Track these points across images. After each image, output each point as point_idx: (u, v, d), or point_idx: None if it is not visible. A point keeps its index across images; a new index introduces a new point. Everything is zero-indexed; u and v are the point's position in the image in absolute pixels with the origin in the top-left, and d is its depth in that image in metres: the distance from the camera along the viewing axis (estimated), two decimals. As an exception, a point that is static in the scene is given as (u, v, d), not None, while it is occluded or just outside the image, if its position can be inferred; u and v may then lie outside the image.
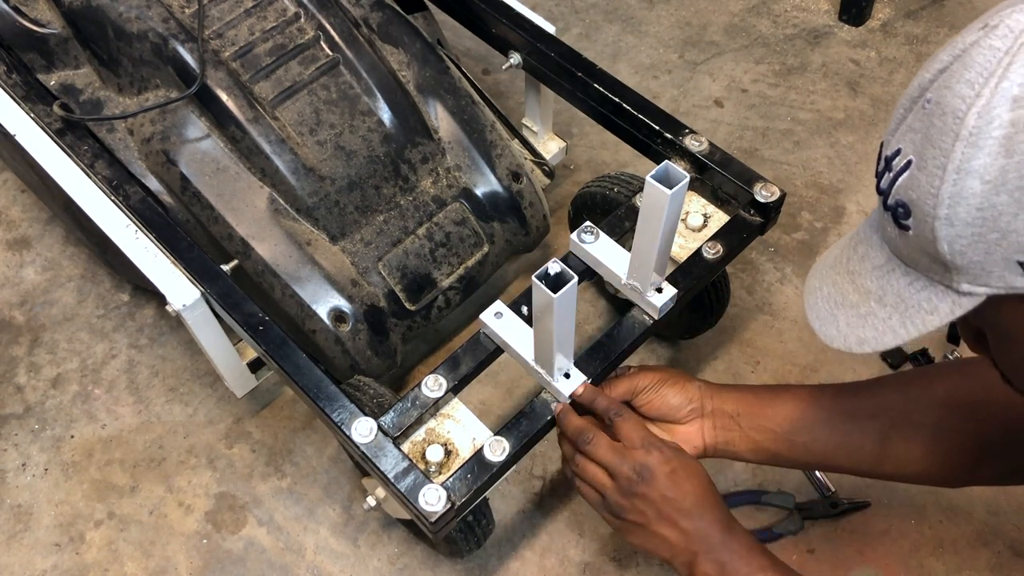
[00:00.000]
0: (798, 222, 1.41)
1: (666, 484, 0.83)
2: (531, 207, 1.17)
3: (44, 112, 1.09)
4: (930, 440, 0.85)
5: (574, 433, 0.88)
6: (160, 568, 1.12)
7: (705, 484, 0.85)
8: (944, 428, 0.84)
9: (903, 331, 0.55)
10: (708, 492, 0.85)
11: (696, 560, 0.82)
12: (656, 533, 0.84)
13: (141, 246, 1.02)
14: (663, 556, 0.85)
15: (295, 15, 1.12)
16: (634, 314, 0.97)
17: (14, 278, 1.36)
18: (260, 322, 0.95)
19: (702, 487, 0.85)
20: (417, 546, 1.13)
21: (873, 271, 0.58)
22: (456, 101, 1.16)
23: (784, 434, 0.90)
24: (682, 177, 0.76)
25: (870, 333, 0.57)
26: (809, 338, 1.29)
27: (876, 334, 0.56)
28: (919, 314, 0.54)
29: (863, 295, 0.58)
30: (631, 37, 1.67)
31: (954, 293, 0.52)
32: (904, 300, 0.55)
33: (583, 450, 0.87)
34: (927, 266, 0.53)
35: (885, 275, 0.57)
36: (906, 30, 1.67)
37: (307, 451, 1.20)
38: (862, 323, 0.57)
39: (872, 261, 0.58)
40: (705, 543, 0.82)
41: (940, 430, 0.84)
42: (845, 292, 0.60)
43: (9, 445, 1.21)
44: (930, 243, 0.51)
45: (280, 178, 1.06)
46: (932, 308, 0.53)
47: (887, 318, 0.56)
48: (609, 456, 0.85)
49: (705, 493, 0.84)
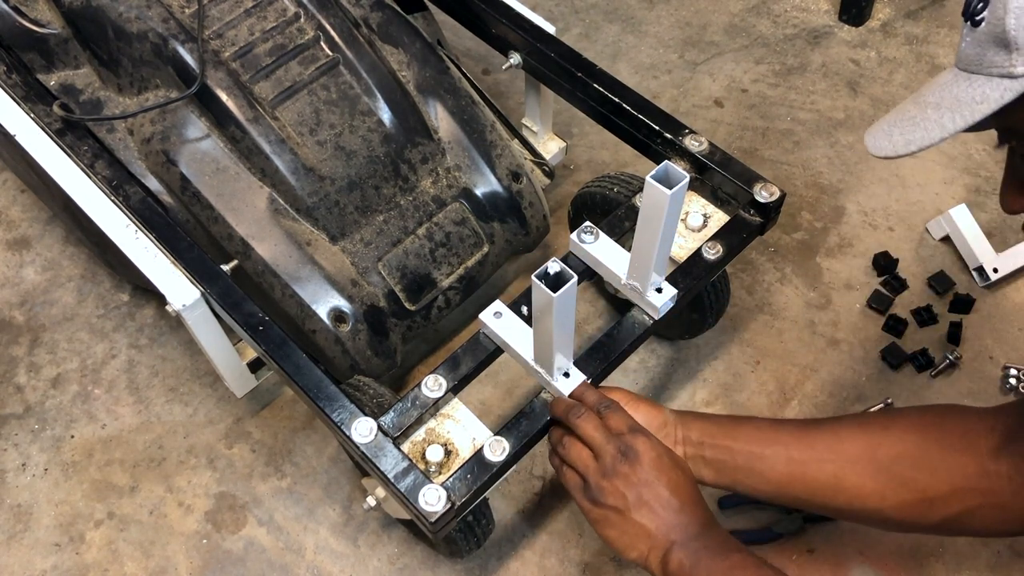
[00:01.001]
0: (798, 222, 1.41)
1: (650, 468, 0.82)
2: (531, 207, 1.17)
3: (44, 112, 1.09)
4: (882, 481, 0.86)
5: (565, 409, 0.88)
6: (160, 568, 1.12)
7: (689, 478, 0.85)
8: (895, 473, 0.86)
9: (951, 124, 0.60)
10: (691, 486, 0.84)
11: (671, 549, 0.81)
12: (634, 522, 0.82)
13: (141, 246, 1.02)
14: (638, 552, 0.83)
15: (295, 15, 1.12)
16: (634, 314, 0.97)
17: (14, 278, 1.36)
18: (260, 322, 0.95)
19: (686, 480, 0.84)
20: (417, 546, 1.13)
21: (936, 87, 0.63)
22: (456, 101, 1.16)
23: (744, 461, 0.91)
24: (682, 177, 0.76)
25: (919, 134, 0.62)
26: (809, 338, 1.29)
27: (924, 132, 0.62)
28: (969, 106, 0.60)
29: (921, 107, 0.63)
30: (631, 37, 1.67)
31: (1008, 80, 0.58)
32: (959, 99, 0.60)
33: (573, 423, 0.87)
34: (990, 60, 0.59)
35: (946, 86, 0.62)
36: (906, 30, 1.67)
37: (307, 451, 1.20)
38: (913, 128, 0.63)
39: (937, 81, 0.64)
40: (683, 533, 0.81)
41: (892, 474, 0.86)
42: (905, 110, 0.66)
43: (9, 445, 1.21)
44: (999, 23, 0.57)
45: (280, 178, 1.06)
46: (983, 98, 0.59)
47: (939, 118, 0.61)
48: (597, 434, 0.85)
49: (688, 486, 0.84)
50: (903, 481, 0.86)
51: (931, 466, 0.85)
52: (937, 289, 1.32)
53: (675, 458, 0.85)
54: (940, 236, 1.37)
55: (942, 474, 0.85)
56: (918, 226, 1.40)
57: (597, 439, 0.85)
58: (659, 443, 0.85)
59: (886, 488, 0.87)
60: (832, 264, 1.37)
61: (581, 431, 0.86)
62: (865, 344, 1.29)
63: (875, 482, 0.87)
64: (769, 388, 1.25)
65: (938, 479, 0.85)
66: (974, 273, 1.34)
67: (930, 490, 0.85)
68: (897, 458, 0.86)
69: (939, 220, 1.37)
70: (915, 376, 1.25)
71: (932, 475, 0.85)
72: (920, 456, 0.86)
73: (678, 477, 0.83)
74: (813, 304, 1.33)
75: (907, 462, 0.86)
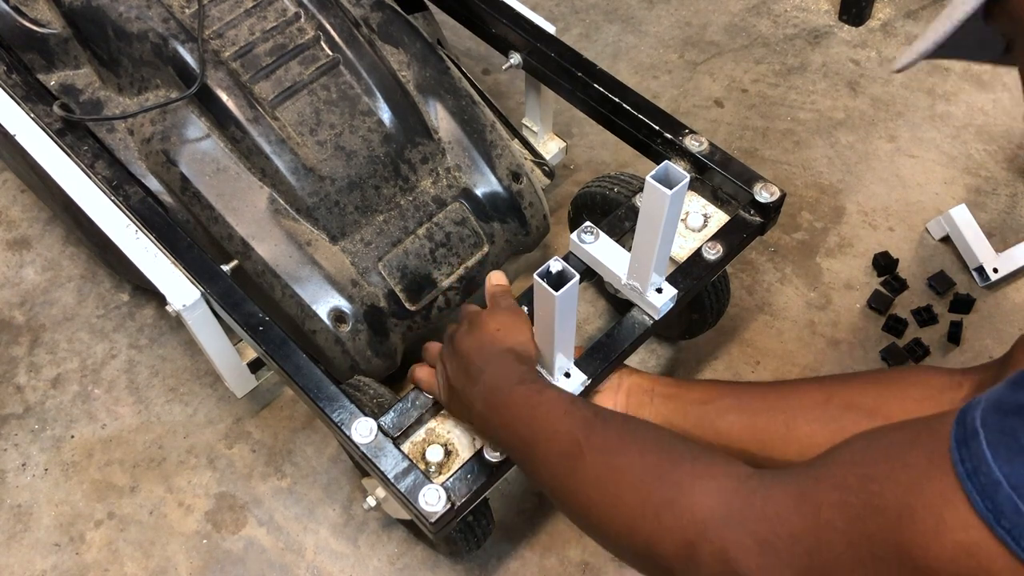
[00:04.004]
0: (798, 222, 1.41)
1: (484, 336, 0.82)
2: (531, 207, 1.17)
3: (44, 112, 1.09)
4: (834, 430, 0.83)
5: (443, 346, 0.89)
6: (160, 568, 1.12)
7: (525, 346, 0.84)
8: (849, 421, 0.83)
9: (957, 12, 0.57)
10: (526, 349, 0.83)
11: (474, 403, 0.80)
12: (462, 395, 0.81)
13: (141, 246, 1.02)
14: (466, 415, 0.82)
15: (295, 15, 1.12)
16: (634, 314, 0.97)
17: (14, 278, 1.36)
18: (260, 322, 0.95)
19: (522, 345, 0.83)
20: (417, 546, 1.13)
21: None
22: (456, 101, 1.16)
23: (695, 413, 0.90)
24: (682, 177, 0.76)
25: (920, 41, 0.60)
26: (809, 338, 1.29)
27: (923, 36, 0.59)
28: (961, 5, 0.56)
29: (939, 19, 0.61)
30: (631, 37, 1.67)
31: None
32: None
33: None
34: None
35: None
36: (906, 30, 1.67)
37: (307, 451, 1.20)
38: (922, 37, 0.60)
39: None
40: (490, 381, 0.80)
41: (845, 423, 0.83)
42: (926, 27, 0.63)
43: (9, 445, 1.21)
44: None
45: (280, 178, 1.06)
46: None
47: (948, 12, 0.58)
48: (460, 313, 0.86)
49: (524, 347, 0.82)
50: (856, 431, 0.84)
51: (887, 417, 0.81)
52: (937, 289, 1.33)
53: (520, 328, 0.85)
54: (940, 236, 1.37)
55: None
56: (918, 226, 1.40)
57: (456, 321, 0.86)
58: (515, 319, 0.85)
59: (837, 437, 0.85)
60: (832, 264, 1.37)
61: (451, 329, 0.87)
62: (865, 344, 1.29)
63: (827, 431, 0.83)
64: (769, 388, 1.25)
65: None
66: (974, 273, 1.34)
67: None
68: (850, 407, 0.83)
69: (939, 220, 1.37)
70: (915, 376, 1.25)
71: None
72: (876, 407, 0.83)
73: (514, 342, 0.83)
74: (813, 304, 1.33)
75: (862, 412, 0.83)
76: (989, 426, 0.44)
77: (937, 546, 0.44)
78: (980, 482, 0.43)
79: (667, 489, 0.62)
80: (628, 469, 0.65)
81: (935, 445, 0.46)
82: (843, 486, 0.51)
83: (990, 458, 0.43)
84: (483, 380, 0.80)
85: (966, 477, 0.44)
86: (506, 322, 0.85)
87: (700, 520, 0.58)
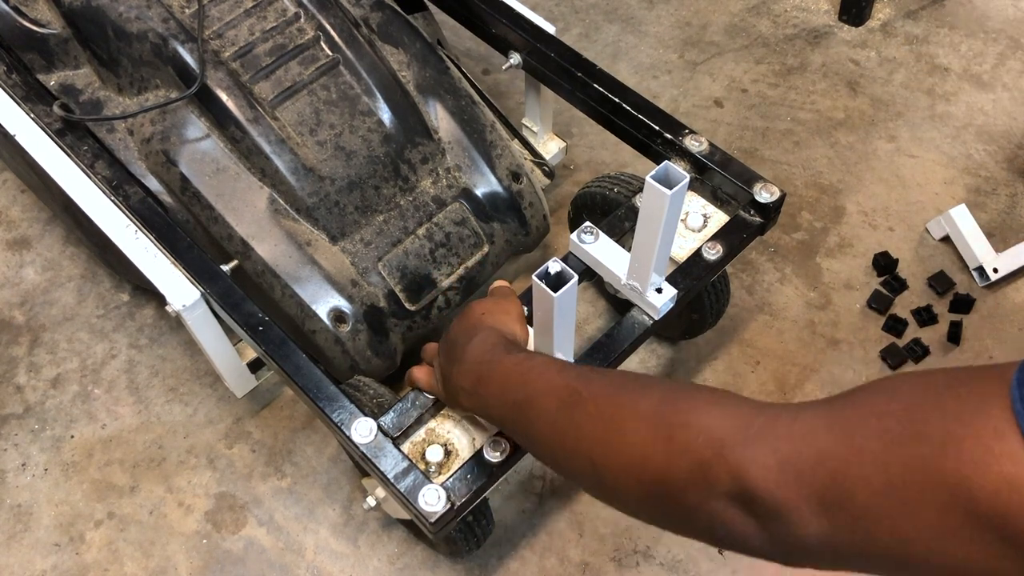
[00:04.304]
0: (798, 222, 1.41)
1: (470, 319, 0.81)
2: (531, 207, 1.17)
3: (44, 112, 1.09)
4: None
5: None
6: (160, 568, 1.12)
7: (513, 328, 0.83)
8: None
9: None
10: (486, 330, 0.81)
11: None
12: (452, 379, 0.80)
13: (141, 246, 1.02)
14: (455, 398, 0.82)
15: (295, 15, 1.12)
16: (634, 314, 0.97)
17: (14, 278, 1.36)
18: (260, 322, 0.95)
19: (507, 325, 0.82)
20: (417, 546, 1.13)
21: None
22: (456, 101, 1.16)
23: None
24: (682, 177, 0.76)
25: None
26: (809, 338, 1.29)
27: None
28: None
29: None
30: (631, 37, 1.67)
31: None
32: None
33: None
34: None
35: None
36: (906, 30, 1.67)
37: (307, 451, 1.20)
38: None
39: None
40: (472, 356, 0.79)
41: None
42: None
43: (9, 445, 1.21)
44: None
45: (280, 178, 1.06)
46: None
47: None
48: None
49: (482, 329, 0.81)
50: None
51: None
52: (937, 289, 1.33)
53: (508, 310, 0.84)
54: (940, 236, 1.37)
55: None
56: (918, 226, 1.40)
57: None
58: (503, 305, 0.85)
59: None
60: (832, 264, 1.37)
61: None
62: (865, 344, 1.29)
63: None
64: (769, 388, 1.25)
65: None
66: (974, 273, 1.34)
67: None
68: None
69: (939, 220, 1.37)
70: (915, 376, 1.25)
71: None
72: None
73: (477, 317, 0.82)
74: (813, 304, 1.33)
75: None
76: None
77: (981, 476, 0.43)
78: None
79: (680, 413, 0.58)
80: (635, 403, 0.62)
81: (991, 383, 0.45)
82: (884, 413, 0.48)
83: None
84: (467, 358, 0.79)
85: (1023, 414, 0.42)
86: (492, 307, 0.84)
87: (717, 438, 0.54)
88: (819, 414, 0.52)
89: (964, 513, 0.44)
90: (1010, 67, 1.60)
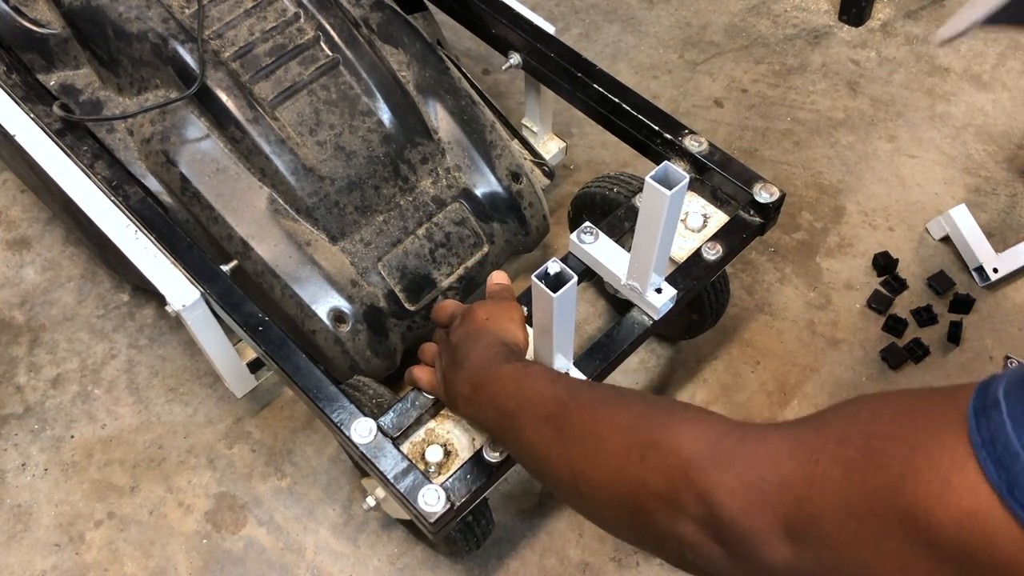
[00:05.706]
0: (798, 222, 1.41)
1: (473, 325, 0.81)
2: (531, 207, 1.17)
3: (44, 112, 1.09)
4: None
5: (452, 314, 0.88)
6: (160, 568, 1.12)
7: (514, 335, 0.83)
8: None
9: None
10: (493, 337, 0.82)
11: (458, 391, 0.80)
12: (452, 383, 0.81)
13: (141, 246, 1.02)
14: (455, 403, 0.82)
15: (295, 15, 1.12)
16: (634, 314, 0.97)
17: (14, 278, 1.36)
18: (260, 322, 0.95)
19: (511, 332, 0.83)
20: (417, 546, 1.13)
21: None
22: (456, 101, 1.16)
23: None
24: (682, 178, 0.76)
25: (971, 8, 0.56)
26: (809, 338, 1.29)
27: (973, 3, 0.56)
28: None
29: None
30: (631, 37, 1.67)
31: None
32: None
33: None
34: None
35: None
36: (906, 30, 1.67)
37: (307, 451, 1.20)
38: (972, 3, 0.57)
39: None
40: (474, 363, 0.79)
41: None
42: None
43: (9, 445, 1.21)
44: None
45: (280, 178, 1.06)
46: None
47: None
48: (458, 308, 0.86)
49: (490, 337, 0.82)
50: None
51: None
52: (937, 289, 1.33)
53: (509, 314, 0.85)
54: (940, 236, 1.37)
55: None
56: (918, 226, 1.40)
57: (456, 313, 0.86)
58: (505, 308, 0.85)
59: None
60: (832, 264, 1.37)
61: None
62: (865, 344, 1.29)
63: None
64: (769, 388, 1.25)
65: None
66: (974, 273, 1.34)
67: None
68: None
69: (939, 220, 1.37)
70: (915, 376, 1.25)
71: None
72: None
73: (480, 323, 0.83)
74: (813, 304, 1.33)
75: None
76: (1013, 398, 0.43)
77: (940, 508, 0.43)
78: (996, 451, 0.42)
79: (654, 430, 0.59)
80: (614, 417, 0.63)
81: (950, 411, 0.45)
82: (846, 440, 0.48)
83: (1010, 429, 0.42)
84: (468, 364, 0.79)
85: (981, 445, 0.42)
86: (495, 312, 0.85)
87: (685, 459, 0.55)
88: (785, 438, 0.52)
89: (926, 544, 0.44)
90: (1010, 67, 1.60)
